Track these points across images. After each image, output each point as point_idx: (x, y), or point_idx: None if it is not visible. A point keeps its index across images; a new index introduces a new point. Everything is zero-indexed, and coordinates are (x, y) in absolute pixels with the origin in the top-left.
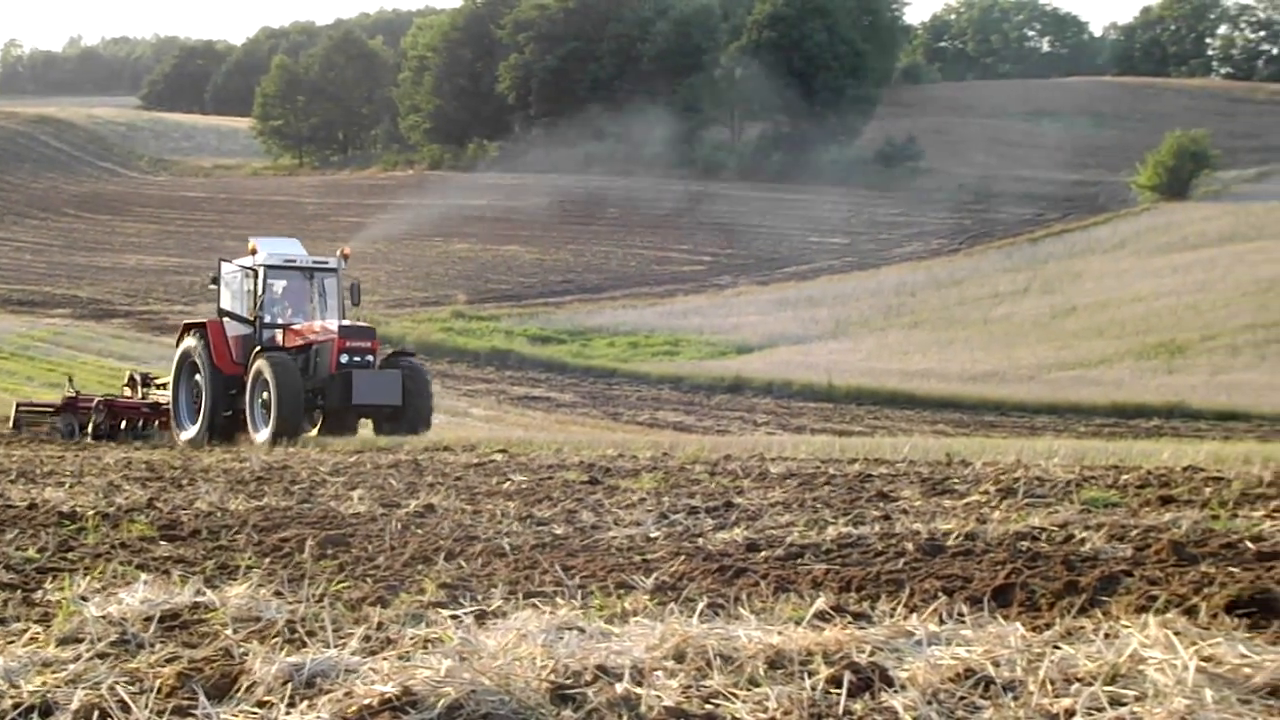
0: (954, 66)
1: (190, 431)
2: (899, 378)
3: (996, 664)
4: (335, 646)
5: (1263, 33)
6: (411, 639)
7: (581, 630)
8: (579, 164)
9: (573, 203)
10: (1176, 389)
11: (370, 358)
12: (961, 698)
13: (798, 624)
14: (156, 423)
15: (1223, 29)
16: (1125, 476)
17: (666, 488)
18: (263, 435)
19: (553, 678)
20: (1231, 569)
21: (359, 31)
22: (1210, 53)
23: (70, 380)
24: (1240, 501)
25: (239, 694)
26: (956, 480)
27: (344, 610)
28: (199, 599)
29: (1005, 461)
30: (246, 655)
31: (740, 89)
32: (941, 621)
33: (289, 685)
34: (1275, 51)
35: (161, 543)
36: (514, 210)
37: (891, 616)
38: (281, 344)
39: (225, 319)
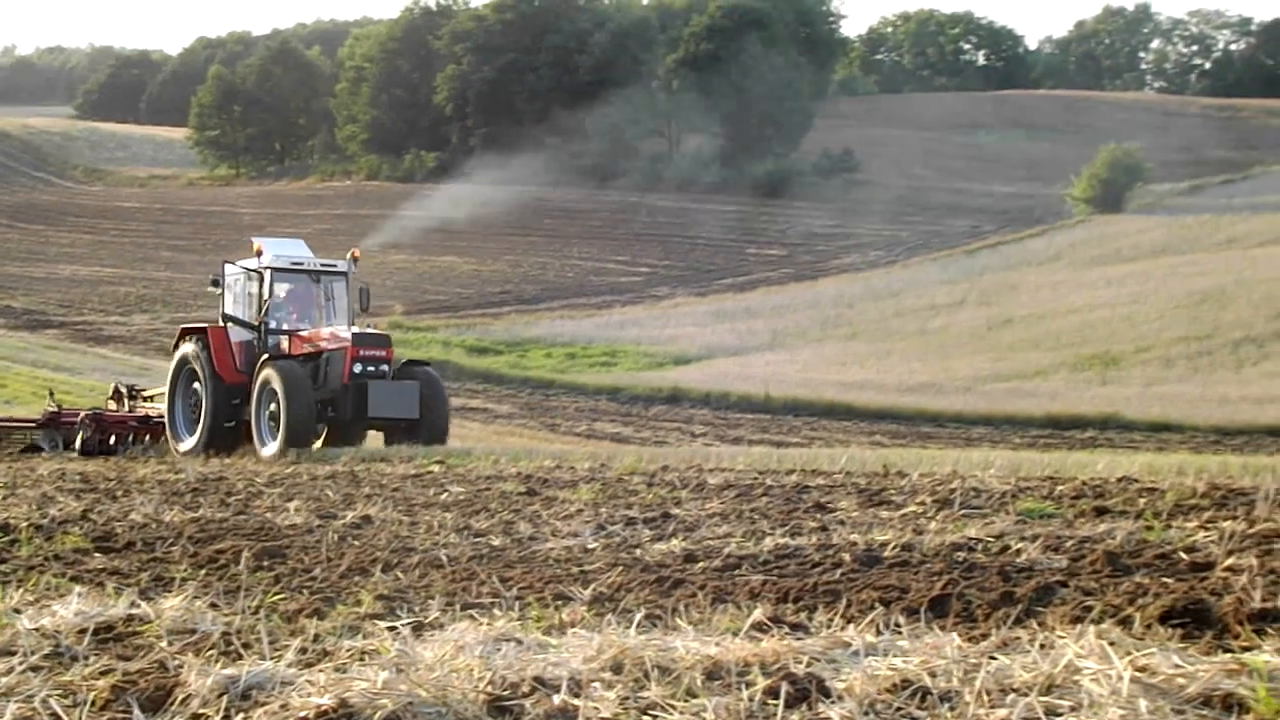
0: (891, 79)
1: (188, 443)
2: (836, 389)
3: (933, 674)
4: (271, 659)
5: (1195, 47)
6: (348, 651)
7: (519, 642)
8: (516, 175)
9: (510, 214)
10: (1111, 400)
11: (385, 367)
12: (898, 708)
13: (735, 635)
14: (148, 436)
15: (1156, 43)
16: (1060, 487)
17: (604, 499)
18: (270, 449)
19: (490, 689)
20: (1165, 580)
21: (296, 42)
22: (1144, 66)
23: (51, 394)
24: (1174, 513)
25: (174, 707)
26: (893, 491)
27: (280, 622)
28: (134, 611)
29: (942, 473)
30: (181, 668)
31: (677, 101)
32: (878, 632)
33: (224, 698)
34: (1208, 66)
35: (96, 554)
36: (451, 221)
37: (828, 627)
38: (287, 351)
39: (229, 325)
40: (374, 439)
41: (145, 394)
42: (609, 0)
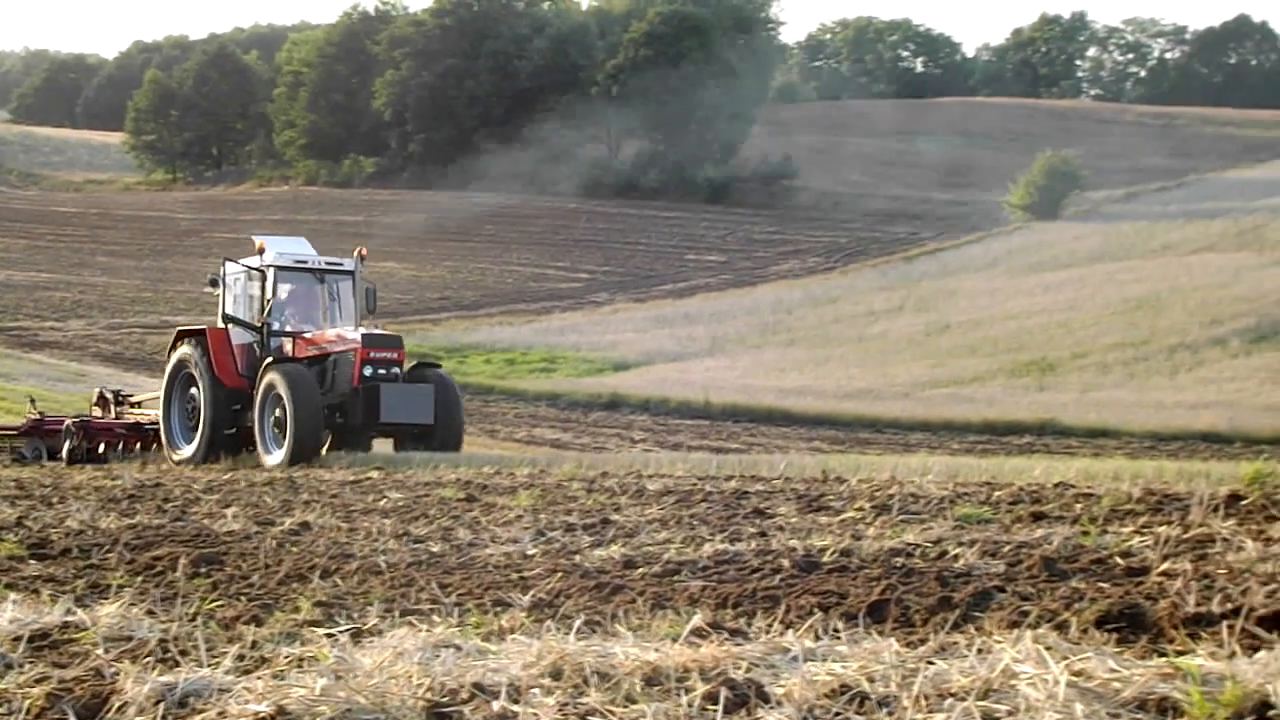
0: (830, 86)
1: (185, 450)
2: (775, 395)
3: (871, 680)
4: (208, 666)
5: (1131, 55)
6: (286, 658)
7: (458, 648)
8: (455, 180)
9: (449, 219)
10: (1048, 406)
11: (397, 370)
12: (837, 713)
13: (674, 641)
14: (138, 444)
15: (1092, 51)
16: (998, 493)
17: (543, 505)
18: (276, 457)
19: (429, 696)
20: (1101, 584)
21: (233, 46)
22: (1080, 74)
23: (32, 401)
24: (1110, 518)
25: (110, 714)
26: (832, 497)
27: (217, 629)
28: (69, 618)
29: (880, 478)
30: (118, 675)
31: (617, 107)
32: (817, 638)
33: (161, 705)
34: (1143, 74)
35: (31, 561)
36: (390, 227)
37: (768, 633)
38: (291, 354)
39: (229, 326)
40: (380, 445)
41: (133, 400)
42: (548, 6)
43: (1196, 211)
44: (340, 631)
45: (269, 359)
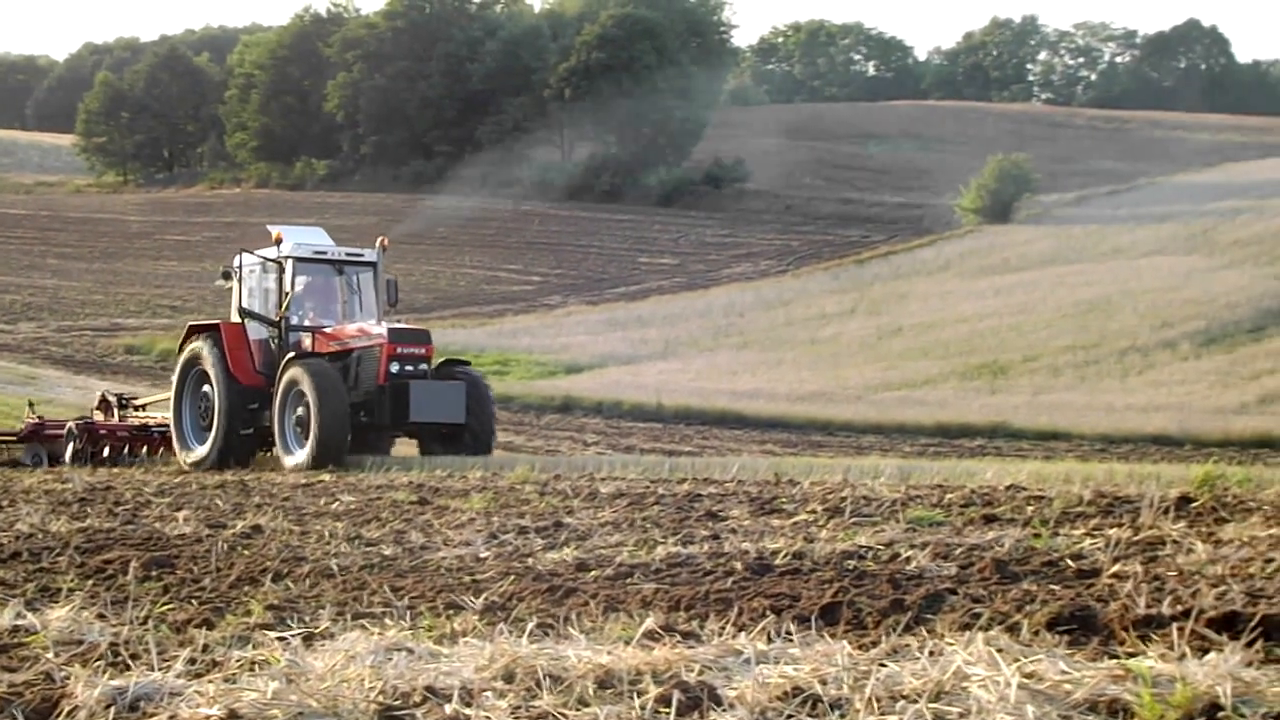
0: (782, 89)
1: (197, 452)
2: (728, 398)
3: (824, 682)
4: (160, 669)
5: (1081, 59)
6: (238, 661)
7: (410, 651)
8: (407, 183)
9: (402, 222)
10: (999, 409)
11: (425, 366)
12: (789, 716)
13: (627, 643)
14: (144, 447)
15: (1043, 55)
16: (950, 495)
17: (496, 508)
18: (298, 458)
19: (381, 699)
20: (1053, 587)
21: (184, 48)
22: (1031, 78)
23: (31, 405)
24: (1061, 520)
25: (60, 718)
26: (784, 500)
27: (169, 633)
28: (19, 622)
29: (832, 481)
30: (68, 679)
31: (569, 109)
32: (769, 640)
33: (112, 709)
34: (1094, 77)
35: None
36: (342, 229)
37: (720, 635)
38: (311, 349)
39: (246, 321)
40: (400, 447)
41: (137, 403)
42: (501, 9)
43: (1147, 215)
44: (292, 635)
45: (290, 355)
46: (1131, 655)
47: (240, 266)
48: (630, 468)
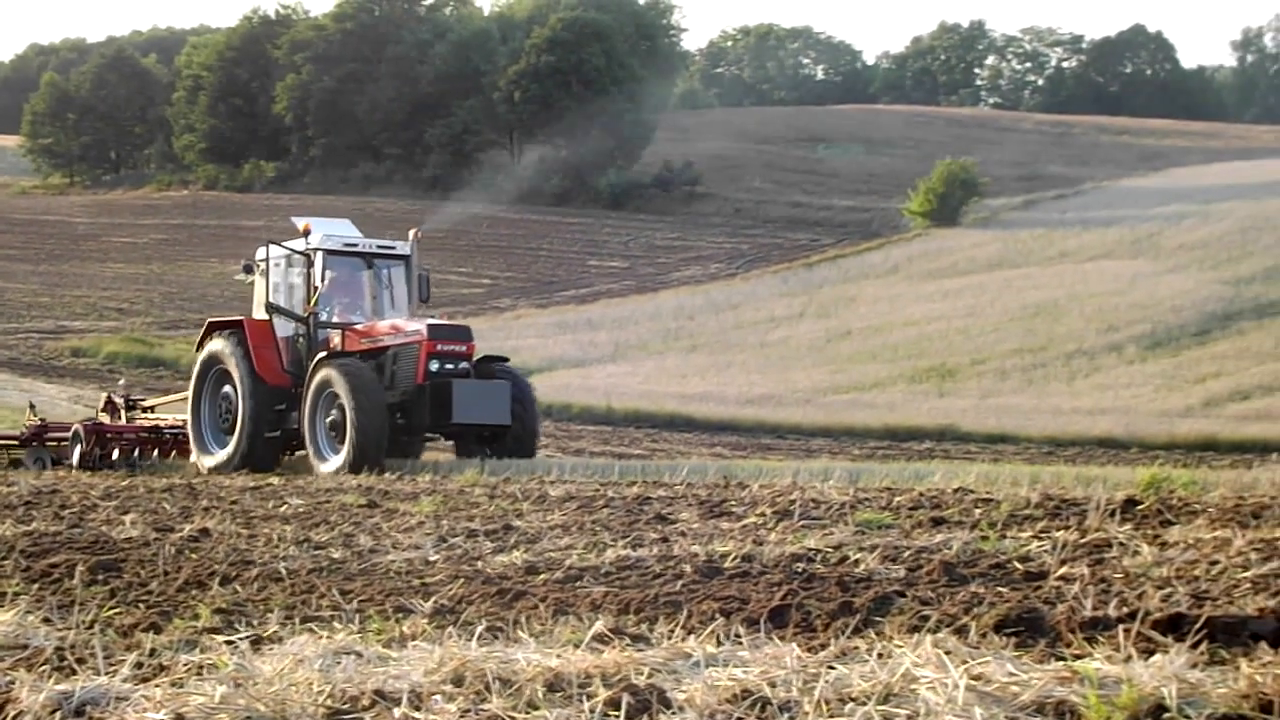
0: (731, 93)
1: (217, 456)
2: (677, 401)
3: (773, 685)
4: (106, 674)
5: (1028, 64)
6: (185, 666)
7: (359, 655)
8: (357, 186)
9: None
10: (947, 412)
11: (466, 365)
12: (738, 718)
13: (576, 647)
14: (156, 450)
15: (990, 59)
16: (898, 498)
17: (445, 511)
18: (333, 464)
19: (329, 703)
20: (1000, 589)
21: (131, 49)
22: (979, 82)
23: (32, 407)
24: (1009, 523)
25: None
26: (734, 503)
27: (115, 637)
28: None
29: (781, 484)
30: (13, 684)
31: (519, 112)
32: (719, 643)
33: (58, 714)
34: (1041, 82)
35: None
36: (291, 232)
37: (669, 638)
38: (341, 347)
39: (274, 316)
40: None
41: (145, 404)
42: (450, 11)
43: (1093, 219)
44: (240, 639)
45: (321, 354)
46: (1078, 657)
47: (267, 259)
48: (580, 471)
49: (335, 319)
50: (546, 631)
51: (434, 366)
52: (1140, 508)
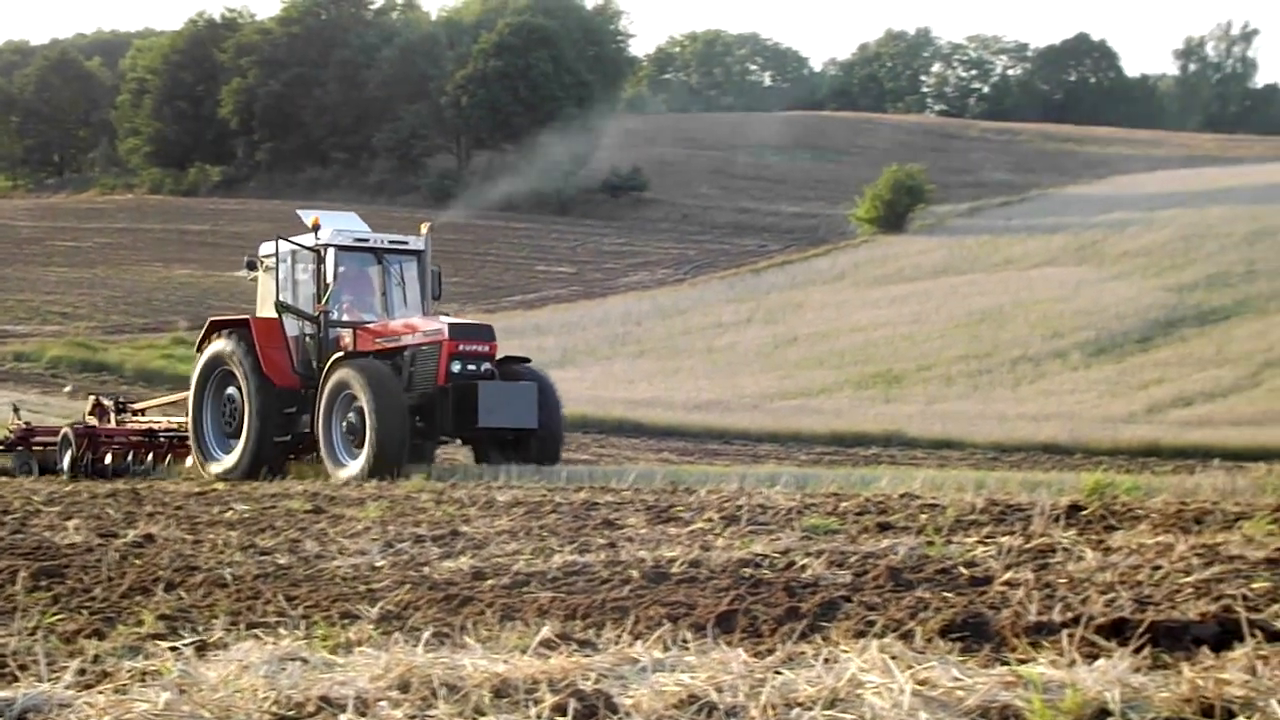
0: (679, 98)
1: (224, 461)
2: (625, 406)
3: (719, 690)
4: (49, 680)
5: (974, 71)
6: (129, 672)
7: (305, 661)
8: (303, 190)
9: (297, 229)
10: (894, 418)
11: (489, 365)
12: None
13: (523, 652)
14: (150, 455)
15: (936, 67)
16: (845, 504)
17: (392, 516)
18: (351, 469)
19: (275, 710)
20: (946, 594)
21: (76, 52)
22: (925, 90)
23: (16, 410)
24: (954, 528)
25: None
26: (681, 508)
27: (58, 643)
28: None
29: (729, 489)
30: None
31: (466, 117)
32: (666, 648)
33: None
34: (986, 89)
35: None
36: (237, 236)
37: (617, 644)
38: (352, 347)
39: (283, 316)
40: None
41: (135, 408)
42: (397, 16)
43: (1038, 226)
44: (185, 645)
45: (338, 354)
46: (1023, 662)
47: (275, 255)
48: (527, 476)
49: (345, 317)
50: (493, 637)
51: (455, 368)
52: (1084, 513)
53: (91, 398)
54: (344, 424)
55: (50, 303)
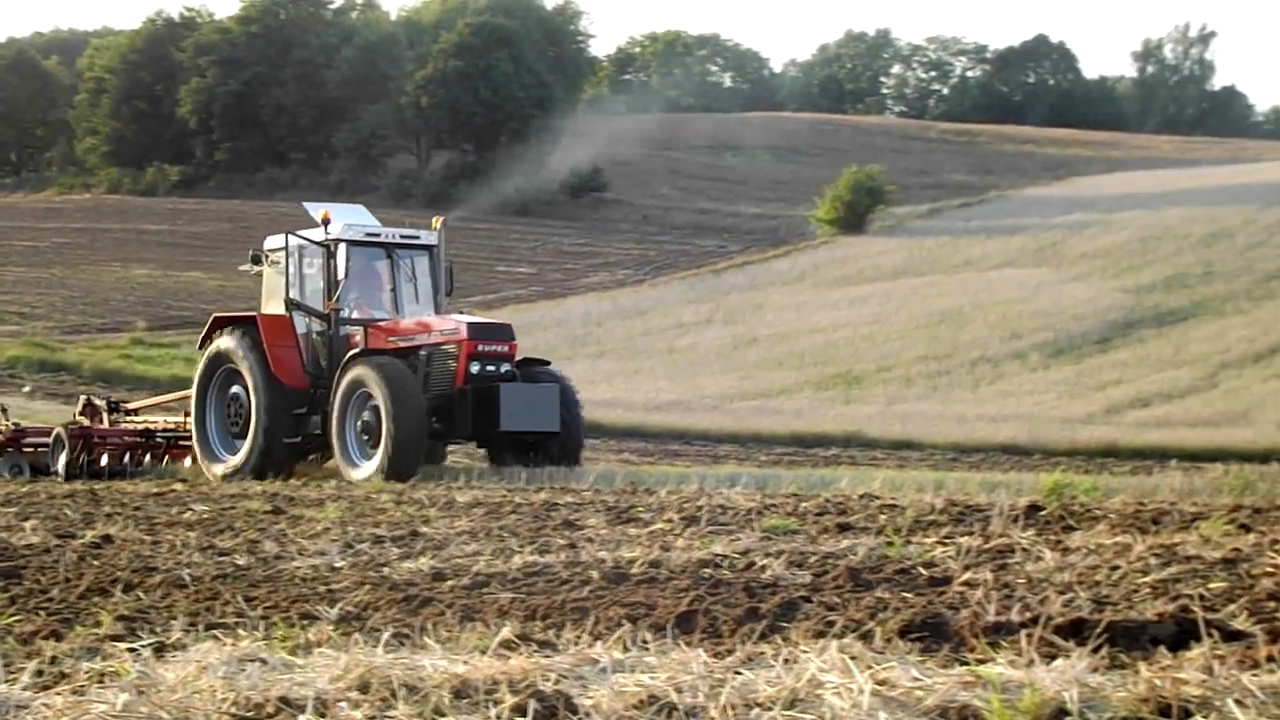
0: (639, 99)
1: (229, 463)
2: (585, 407)
3: (679, 690)
4: (5, 682)
5: (934, 73)
6: (87, 673)
7: (264, 662)
8: (262, 190)
9: (256, 229)
10: (854, 418)
11: (509, 366)
12: None
13: (483, 653)
14: (148, 455)
15: (896, 68)
16: (805, 504)
17: (351, 517)
18: (366, 470)
19: (234, 710)
20: (905, 594)
21: (33, 51)
22: (885, 91)
23: (3, 411)
24: (914, 529)
25: None
26: (641, 509)
27: (15, 645)
28: None
29: (689, 490)
30: None
31: (426, 117)
32: (626, 649)
33: None
34: (946, 91)
35: None
36: (196, 236)
37: (576, 644)
38: (363, 345)
39: (293, 313)
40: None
41: (129, 407)
42: (357, 15)
43: (997, 228)
44: (143, 646)
45: (353, 352)
46: (982, 662)
47: (285, 249)
48: (487, 476)
49: (354, 314)
50: (453, 638)
51: (475, 369)
52: (1043, 513)
53: (82, 397)
54: (359, 424)
55: (7, 303)
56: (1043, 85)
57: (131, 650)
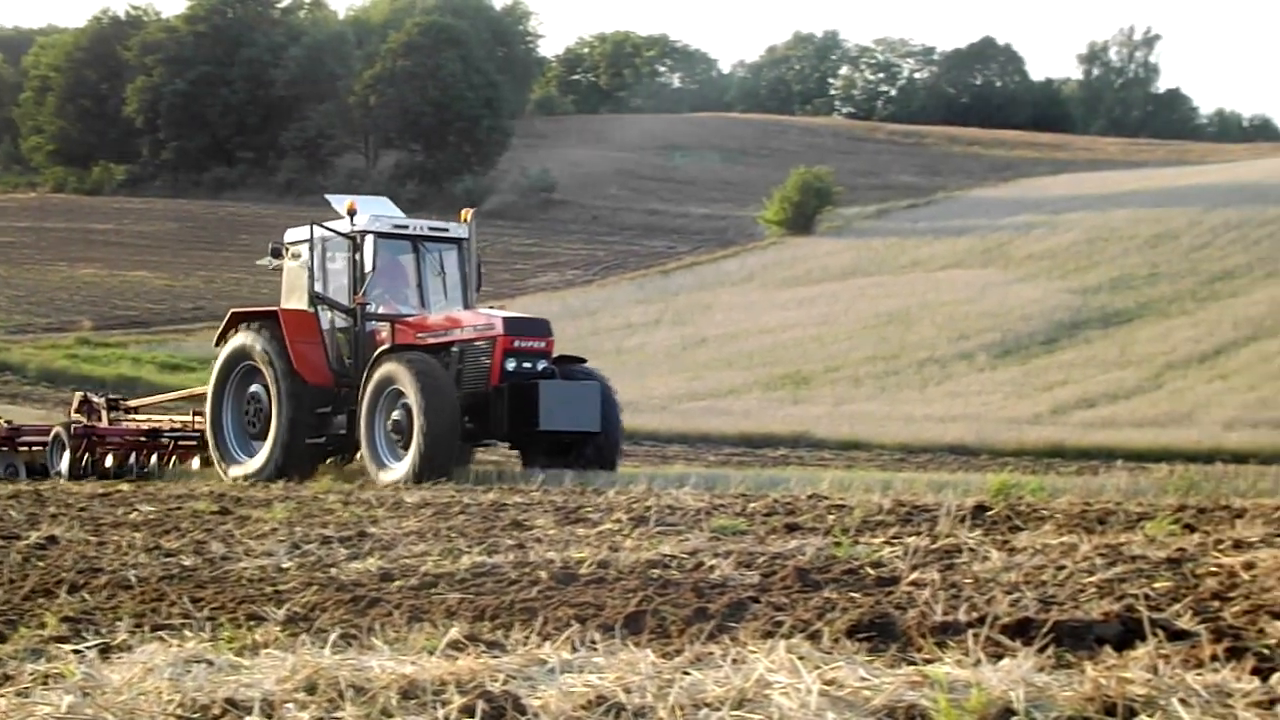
0: (588, 100)
1: (248, 464)
2: None
3: (628, 690)
4: None
5: (881, 74)
6: (31, 675)
7: (210, 663)
8: (210, 189)
9: (203, 228)
10: (802, 419)
11: (546, 363)
12: None
13: (431, 654)
14: (153, 455)
15: (844, 70)
16: (753, 505)
17: (299, 518)
18: (396, 471)
19: (180, 712)
20: (853, 594)
21: None
22: (832, 92)
23: None
24: (861, 529)
25: None
26: (590, 509)
27: None
28: None
29: (637, 490)
30: None
31: (374, 116)
32: (574, 649)
33: None
34: (893, 93)
35: None
36: (142, 235)
37: (525, 645)
38: (391, 342)
39: (318, 308)
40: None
41: (129, 405)
42: (305, 15)
43: (944, 229)
44: (88, 648)
45: (383, 348)
46: (929, 662)
47: (311, 240)
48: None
49: (380, 309)
50: (401, 639)
51: (510, 365)
52: (990, 514)
53: (77, 395)
54: (389, 423)
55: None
56: (990, 87)
57: (76, 652)
